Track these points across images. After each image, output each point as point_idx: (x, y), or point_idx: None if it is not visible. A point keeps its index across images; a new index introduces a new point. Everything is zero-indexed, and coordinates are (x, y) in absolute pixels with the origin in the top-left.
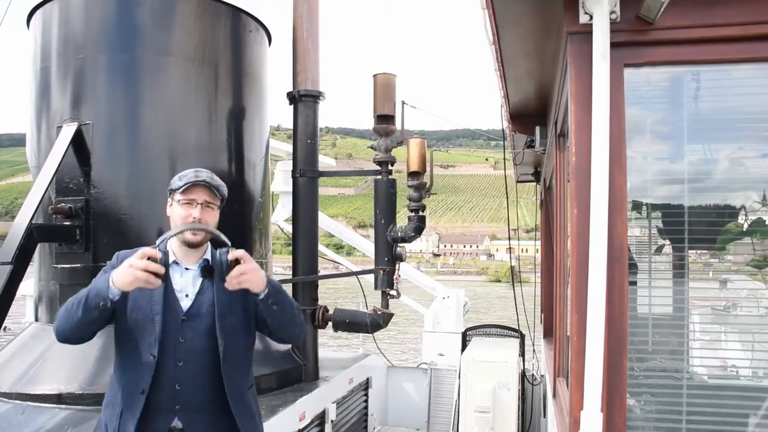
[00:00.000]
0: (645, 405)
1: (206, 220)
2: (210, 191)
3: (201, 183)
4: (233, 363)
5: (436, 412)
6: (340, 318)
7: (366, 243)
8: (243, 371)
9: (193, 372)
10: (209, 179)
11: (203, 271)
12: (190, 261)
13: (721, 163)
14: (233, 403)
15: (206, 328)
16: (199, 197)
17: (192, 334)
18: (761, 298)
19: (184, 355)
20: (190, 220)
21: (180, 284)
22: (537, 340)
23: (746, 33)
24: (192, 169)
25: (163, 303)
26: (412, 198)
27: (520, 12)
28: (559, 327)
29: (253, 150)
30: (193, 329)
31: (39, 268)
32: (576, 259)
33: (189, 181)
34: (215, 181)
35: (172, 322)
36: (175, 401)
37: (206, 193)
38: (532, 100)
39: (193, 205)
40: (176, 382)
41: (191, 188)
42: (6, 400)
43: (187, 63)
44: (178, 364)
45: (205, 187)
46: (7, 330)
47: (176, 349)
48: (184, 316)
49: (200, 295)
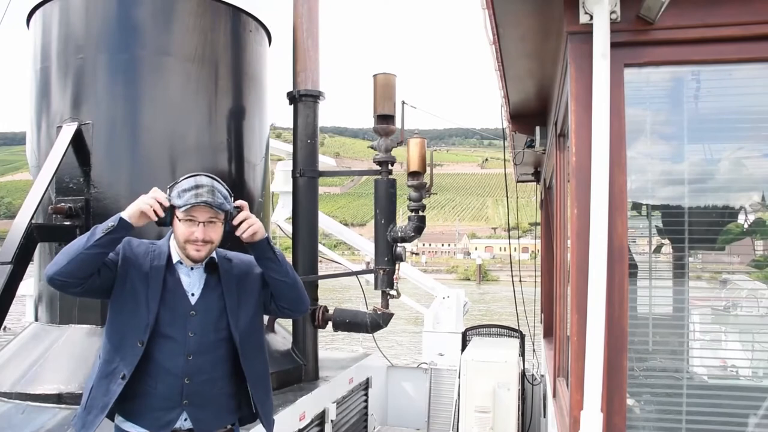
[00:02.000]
0: (645, 405)
1: (210, 237)
2: (211, 210)
3: (202, 204)
4: (251, 352)
5: (436, 412)
6: (340, 318)
7: (363, 241)
8: (262, 356)
9: (203, 365)
10: (210, 199)
11: (207, 267)
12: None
13: (721, 163)
14: (254, 389)
15: (216, 322)
16: (201, 216)
17: (202, 329)
18: (761, 298)
19: (195, 348)
20: (192, 239)
21: (187, 282)
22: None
23: (746, 33)
24: (192, 180)
25: (161, 295)
26: (412, 198)
27: (520, 12)
28: (559, 327)
29: (253, 150)
30: (203, 324)
31: (39, 267)
32: (576, 259)
33: (188, 202)
34: (216, 198)
35: (180, 317)
36: (183, 395)
37: (208, 212)
38: (532, 100)
39: (196, 223)
40: (186, 376)
41: (192, 207)
42: (6, 400)
43: (187, 63)
44: (189, 358)
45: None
46: (7, 330)
47: (186, 344)
48: (192, 311)
49: (207, 289)
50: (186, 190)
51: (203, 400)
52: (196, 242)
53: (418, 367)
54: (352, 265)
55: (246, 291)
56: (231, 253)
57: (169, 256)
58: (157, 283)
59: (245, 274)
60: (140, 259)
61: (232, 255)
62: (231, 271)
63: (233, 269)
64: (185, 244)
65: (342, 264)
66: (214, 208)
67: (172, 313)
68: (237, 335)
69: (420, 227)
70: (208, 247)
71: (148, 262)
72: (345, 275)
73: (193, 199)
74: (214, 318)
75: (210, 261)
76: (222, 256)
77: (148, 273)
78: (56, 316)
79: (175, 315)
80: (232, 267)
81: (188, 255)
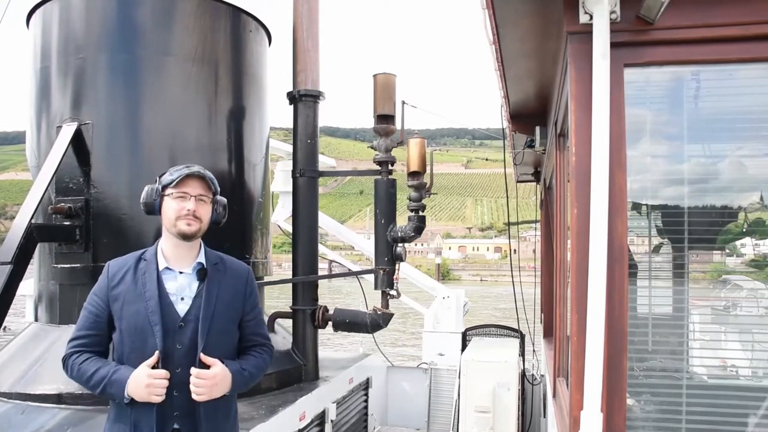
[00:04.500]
0: (645, 405)
1: (200, 213)
2: (204, 183)
3: (195, 174)
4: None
5: (436, 412)
6: (340, 318)
7: (361, 240)
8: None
9: (189, 377)
10: (202, 171)
11: (199, 273)
12: (184, 264)
13: (721, 163)
14: (214, 404)
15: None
16: (193, 190)
17: (188, 340)
18: (761, 298)
19: (182, 361)
20: (184, 213)
21: (174, 288)
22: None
23: (746, 33)
24: (180, 165)
25: (160, 312)
26: (412, 198)
27: (520, 12)
28: (559, 327)
29: (253, 150)
30: (190, 334)
31: (39, 267)
32: (576, 259)
33: (182, 173)
34: (208, 173)
35: (170, 329)
36: (174, 407)
37: (200, 185)
38: (532, 100)
39: (187, 198)
40: (174, 389)
41: (185, 180)
42: (6, 400)
43: (187, 63)
44: (176, 370)
45: (199, 178)
46: (7, 330)
47: (174, 356)
48: (181, 322)
49: (197, 299)
50: (177, 169)
51: (192, 411)
52: (188, 215)
53: (418, 367)
54: (353, 265)
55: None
56: (226, 258)
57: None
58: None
59: (231, 294)
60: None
61: (228, 261)
62: (223, 280)
63: (222, 282)
64: (176, 221)
65: (342, 264)
66: (207, 179)
67: (164, 328)
68: (202, 341)
69: (420, 227)
70: (199, 223)
71: (140, 288)
72: (345, 275)
73: (186, 170)
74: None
75: (200, 267)
76: (213, 261)
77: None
78: (56, 317)
79: (166, 329)
80: (222, 278)
81: (180, 231)
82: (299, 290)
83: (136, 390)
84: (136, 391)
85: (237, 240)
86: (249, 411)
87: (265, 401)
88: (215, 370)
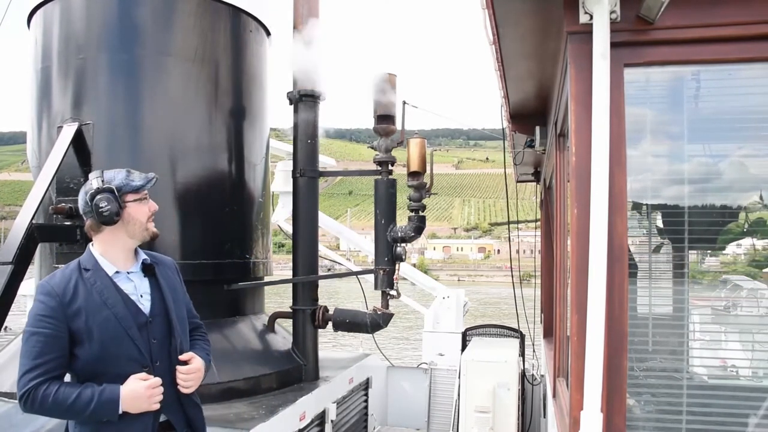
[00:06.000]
0: (645, 405)
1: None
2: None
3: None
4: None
5: (435, 412)
6: (340, 318)
7: (360, 240)
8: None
9: (167, 369)
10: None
11: (147, 270)
12: (128, 265)
13: (721, 163)
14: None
15: (167, 325)
16: (146, 193)
17: (159, 333)
18: (761, 298)
19: (159, 354)
20: (150, 214)
21: (131, 289)
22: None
23: (746, 33)
24: (122, 170)
25: (130, 315)
26: (413, 198)
27: (520, 12)
28: (559, 327)
29: (253, 150)
30: (159, 328)
31: (39, 268)
32: (576, 259)
33: (149, 177)
34: None
35: (143, 327)
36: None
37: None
38: (532, 100)
39: (147, 200)
40: None
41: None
42: (6, 400)
43: (187, 63)
44: (156, 363)
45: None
46: (8, 330)
47: (151, 351)
48: (150, 318)
49: (154, 292)
50: (130, 176)
51: (172, 402)
52: (152, 216)
53: (418, 367)
54: (354, 266)
55: (177, 289)
56: (153, 253)
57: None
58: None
59: (174, 284)
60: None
61: (156, 256)
62: (164, 273)
63: (163, 275)
64: (148, 223)
65: (343, 264)
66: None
67: (138, 327)
68: (178, 336)
69: (420, 227)
70: None
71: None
72: (345, 275)
73: (145, 174)
74: (166, 322)
75: (145, 264)
76: (149, 258)
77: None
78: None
79: (140, 328)
80: (161, 271)
81: (153, 233)
82: (299, 290)
83: (135, 403)
84: (135, 404)
85: (237, 240)
86: (249, 411)
87: (266, 401)
88: (196, 363)
